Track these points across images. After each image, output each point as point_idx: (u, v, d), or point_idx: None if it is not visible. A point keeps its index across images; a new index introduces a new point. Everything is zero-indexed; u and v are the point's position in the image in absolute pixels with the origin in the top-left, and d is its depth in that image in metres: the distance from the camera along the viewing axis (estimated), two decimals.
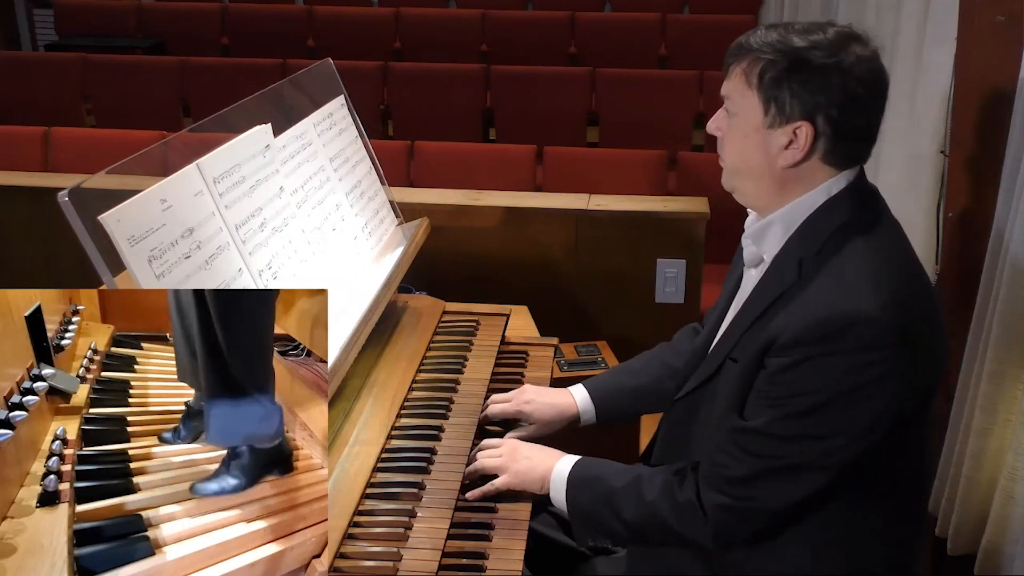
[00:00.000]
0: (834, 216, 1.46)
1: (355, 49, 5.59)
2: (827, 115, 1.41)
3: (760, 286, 1.51)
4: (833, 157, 1.45)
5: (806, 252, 1.45)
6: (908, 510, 1.55)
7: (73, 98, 5.44)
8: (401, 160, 3.95)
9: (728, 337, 1.55)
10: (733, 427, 1.47)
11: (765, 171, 1.48)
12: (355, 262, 2.02)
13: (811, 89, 1.41)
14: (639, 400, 1.92)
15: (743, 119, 1.47)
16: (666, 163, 3.95)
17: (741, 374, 1.47)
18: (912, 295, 1.43)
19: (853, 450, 1.40)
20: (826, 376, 1.37)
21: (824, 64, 1.40)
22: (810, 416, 1.39)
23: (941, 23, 2.56)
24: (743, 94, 1.46)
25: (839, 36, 1.43)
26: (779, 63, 1.42)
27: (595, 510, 1.61)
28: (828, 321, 1.36)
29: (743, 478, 1.45)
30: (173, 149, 1.67)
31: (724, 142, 1.53)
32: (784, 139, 1.44)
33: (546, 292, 3.04)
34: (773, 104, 1.43)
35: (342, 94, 2.22)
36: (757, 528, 1.49)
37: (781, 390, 1.41)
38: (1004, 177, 2.26)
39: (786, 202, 1.49)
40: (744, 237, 1.57)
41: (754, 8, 6.46)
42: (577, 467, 1.66)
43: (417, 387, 1.96)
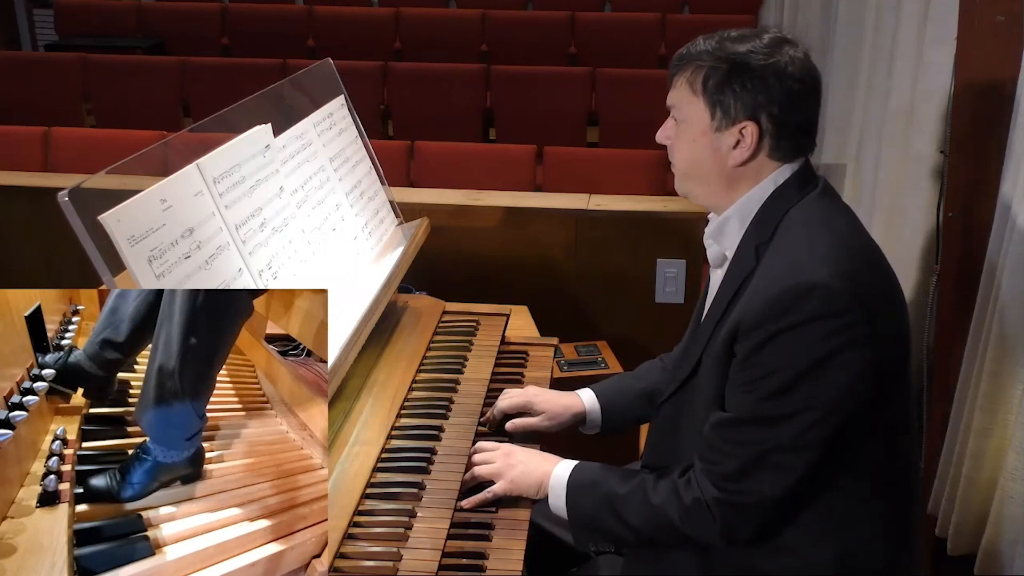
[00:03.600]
0: (783, 201, 1.53)
1: (355, 49, 5.59)
2: (769, 113, 1.50)
3: (725, 280, 1.57)
4: (778, 152, 1.53)
5: (761, 239, 1.52)
6: (899, 502, 1.57)
7: (73, 98, 5.44)
8: (401, 160, 3.94)
9: (701, 335, 1.59)
10: (716, 422, 1.51)
11: (715, 171, 1.55)
12: (355, 262, 2.01)
13: (752, 90, 1.49)
14: (644, 404, 1.93)
15: (691, 125, 1.55)
16: (666, 163, 3.91)
17: (715, 367, 1.52)
18: (867, 272, 1.48)
19: (828, 425, 1.44)
20: (791, 351, 1.42)
21: (762, 66, 1.49)
22: (783, 395, 1.43)
23: (941, 23, 2.55)
24: (689, 101, 1.54)
25: (772, 40, 1.52)
26: (720, 69, 1.50)
27: (598, 515, 1.62)
28: (783, 295, 1.41)
29: (735, 472, 1.49)
30: (173, 149, 1.67)
31: (674, 149, 1.61)
32: (732, 139, 1.52)
33: (546, 292, 3.04)
34: (719, 108, 1.51)
35: (342, 94, 2.22)
36: (761, 520, 1.51)
37: (751, 373, 1.45)
38: (1004, 177, 2.25)
39: (738, 197, 1.56)
40: (705, 239, 1.64)
41: (754, 8, 6.46)
42: (576, 472, 1.66)
43: (417, 387, 1.96)
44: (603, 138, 4.94)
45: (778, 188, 1.53)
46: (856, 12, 3.56)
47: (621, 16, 6.33)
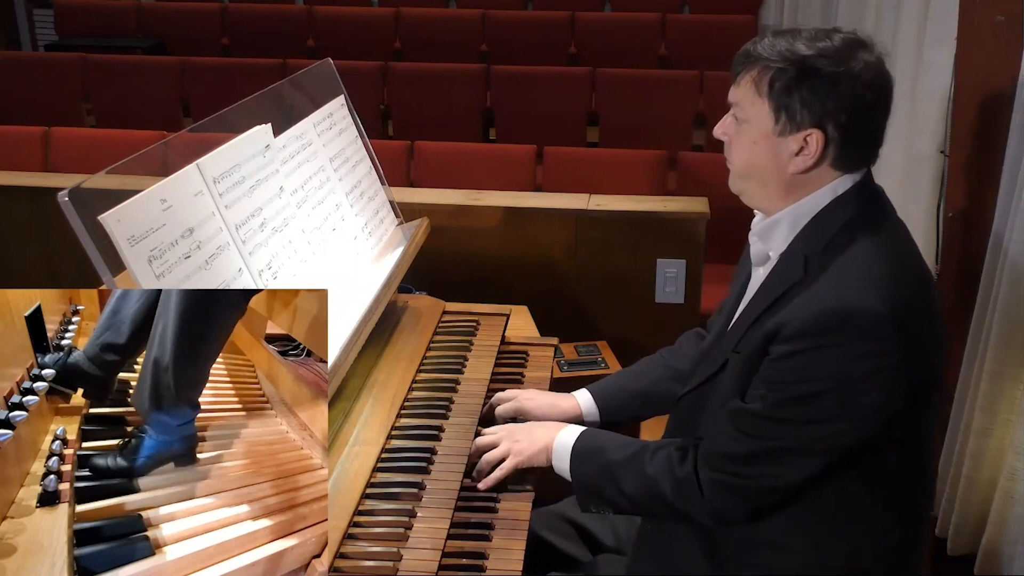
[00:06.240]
0: (839, 215, 1.48)
1: (355, 49, 5.59)
2: (837, 122, 1.44)
3: (766, 282, 1.54)
4: (841, 162, 1.48)
5: (812, 249, 1.48)
6: (911, 511, 1.56)
7: (73, 98, 5.44)
8: (401, 160, 3.94)
9: (733, 333, 1.57)
10: (733, 408, 1.50)
11: (774, 176, 1.50)
12: (355, 262, 2.01)
13: (821, 97, 1.43)
14: (643, 402, 1.93)
15: (753, 126, 1.49)
16: (666, 163, 3.95)
17: (744, 363, 1.50)
18: (915, 294, 1.45)
19: (850, 437, 1.43)
20: (826, 366, 1.40)
21: (833, 72, 1.42)
22: (807, 402, 1.42)
23: (941, 23, 2.56)
24: (752, 102, 1.48)
25: (846, 43, 1.45)
26: (788, 72, 1.44)
27: (597, 481, 1.64)
28: (831, 313, 1.39)
29: (737, 456, 1.49)
30: (173, 149, 1.67)
31: (732, 147, 1.55)
32: (795, 146, 1.47)
33: (546, 292, 3.04)
34: (784, 112, 1.45)
35: (342, 94, 2.22)
36: (752, 507, 1.51)
37: (782, 375, 1.44)
38: (1004, 177, 2.26)
39: (793, 202, 1.51)
40: (751, 235, 1.60)
41: (754, 8, 6.46)
42: (581, 438, 1.69)
43: (417, 387, 1.96)
44: (603, 138, 4.94)
45: (837, 198, 1.49)
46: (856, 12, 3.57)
47: (621, 16, 6.32)
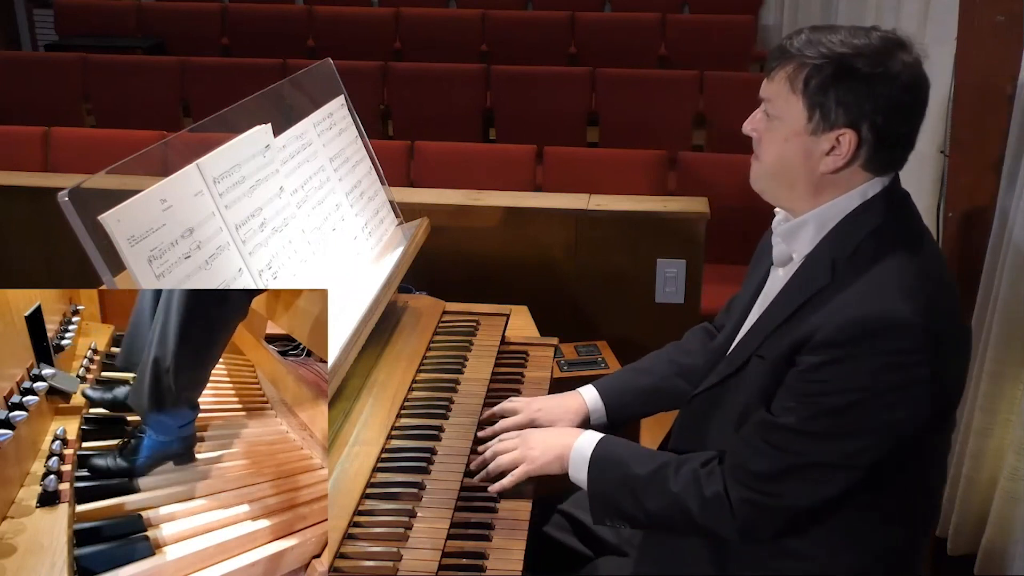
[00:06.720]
0: (869, 219, 1.46)
1: (355, 49, 5.59)
2: (872, 123, 1.42)
3: (791, 285, 1.51)
4: (872, 164, 1.46)
5: (840, 253, 1.46)
6: (919, 516, 1.56)
7: (73, 98, 5.44)
8: (401, 160, 3.94)
9: (754, 334, 1.54)
10: (760, 421, 1.47)
11: (803, 175, 1.48)
12: (355, 262, 2.01)
13: (858, 97, 1.41)
14: (649, 399, 1.91)
15: (784, 123, 1.47)
16: (666, 163, 3.95)
17: (770, 370, 1.47)
18: (944, 304, 1.43)
19: (879, 451, 1.41)
20: (858, 377, 1.37)
21: (871, 72, 1.40)
22: (839, 415, 1.39)
23: (941, 23, 2.56)
24: (786, 99, 1.45)
25: (885, 42, 1.42)
26: (825, 69, 1.41)
27: (616, 495, 1.60)
28: (863, 323, 1.37)
29: (769, 474, 1.45)
30: (173, 149, 1.67)
31: (761, 143, 1.52)
32: (827, 145, 1.44)
33: (546, 292, 3.04)
34: (818, 110, 1.43)
35: (342, 94, 2.22)
36: (782, 524, 1.49)
37: (812, 388, 1.41)
38: (1004, 177, 2.26)
39: (820, 204, 1.49)
40: (774, 236, 1.57)
41: (754, 8, 6.47)
42: (600, 446, 1.65)
43: (417, 387, 1.96)
44: (603, 138, 4.94)
45: (866, 202, 1.47)
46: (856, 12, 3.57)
47: (621, 16, 6.33)
